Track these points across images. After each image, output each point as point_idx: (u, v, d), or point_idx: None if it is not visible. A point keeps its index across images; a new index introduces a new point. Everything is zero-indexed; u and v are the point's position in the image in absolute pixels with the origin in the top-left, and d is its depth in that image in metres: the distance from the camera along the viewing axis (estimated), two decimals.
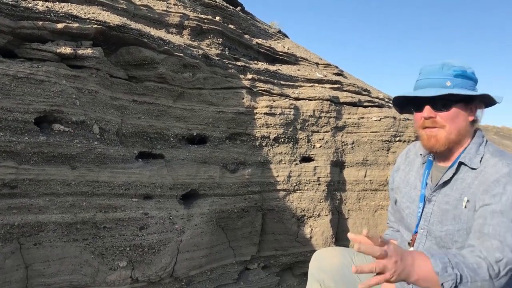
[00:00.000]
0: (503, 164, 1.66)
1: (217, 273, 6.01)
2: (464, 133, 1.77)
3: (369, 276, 2.24)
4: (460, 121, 1.75)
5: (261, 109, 6.60)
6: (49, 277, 4.27)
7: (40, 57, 4.40)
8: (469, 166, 1.74)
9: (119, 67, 5.27)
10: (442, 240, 1.75)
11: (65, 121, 4.43)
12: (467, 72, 1.74)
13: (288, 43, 9.90)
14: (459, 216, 1.70)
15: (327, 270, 2.27)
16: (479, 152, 1.75)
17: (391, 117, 7.79)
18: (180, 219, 5.35)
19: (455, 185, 1.76)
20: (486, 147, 1.78)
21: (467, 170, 1.75)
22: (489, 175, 1.66)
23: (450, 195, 1.76)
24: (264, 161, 6.62)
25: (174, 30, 6.57)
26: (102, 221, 4.65)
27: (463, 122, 1.76)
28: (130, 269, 4.84)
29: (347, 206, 7.50)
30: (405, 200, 1.99)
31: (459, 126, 1.75)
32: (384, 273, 1.39)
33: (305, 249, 6.89)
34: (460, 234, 1.69)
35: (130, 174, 4.95)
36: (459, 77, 1.73)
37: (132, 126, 5.28)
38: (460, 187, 1.74)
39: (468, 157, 1.75)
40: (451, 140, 1.76)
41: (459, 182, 1.76)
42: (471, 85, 1.75)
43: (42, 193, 4.27)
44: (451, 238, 1.72)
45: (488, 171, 1.67)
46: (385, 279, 1.40)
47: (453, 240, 1.71)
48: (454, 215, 1.71)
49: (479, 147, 1.77)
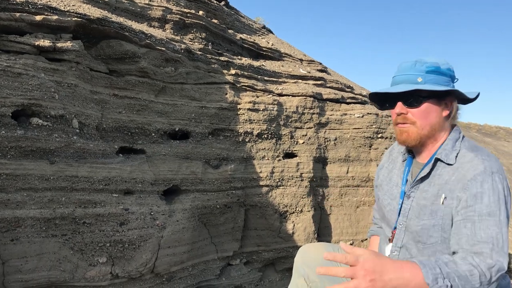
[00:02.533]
0: (478, 160, 1.67)
1: (199, 269, 5.99)
2: (437, 128, 1.79)
3: None
4: (432, 116, 1.76)
5: (244, 104, 6.58)
6: (26, 273, 4.20)
7: (17, 49, 4.31)
8: (445, 162, 1.75)
9: (100, 60, 5.20)
10: (418, 234, 1.76)
11: (43, 115, 4.36)
12: (441, 68, 1.75)
13: (273, 39, 9.88)
14: (436, 211, 1.71)
15: (312, 265, 2.28)
16: (455, 148, 1.77)
17: (373, 114, 7.84)
18: (161, 214, 5.31)
19: (433, 180, 1.78)
20: (463, 142, 1.79)
21: (444, 166, 1.76)
22: (465, 171, 1.66)
23: (428, 191, 1.77)
24: (247, 157, 6.61)
25: (157, 24, 6.50)
26: (81, 216, 4.59)
27: (436, 117, 1.77)
28: (110, 265, 4.79)
29: (330, 202, 7.54)
30: (386, 197, 2.01)
31: (431, 122, 1.77)
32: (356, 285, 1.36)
33: (288, 245, 6.91)
34: (435, 229, 1.71)
35: (110, 169, 4.89)
36: (431, 73, 1.73)
37: (113, 120, 5.22)
38: (438, 183, 1.75)
39: (444, 153, 1.77)
40: (423, 135, 1.77)
41: (436, 178, 1.77)
42: (446, 81, 1.75)
43: (20, 188, 4.19)
44: (427, 233, 1.73)
45: (464, 167, 1.68)
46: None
47: (428, 235, 1.73)
48: (432, 211, 1.72)
49: (455, 142, 1.79)
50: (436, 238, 1.70)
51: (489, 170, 1.63)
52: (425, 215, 1.74)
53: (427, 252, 1.74)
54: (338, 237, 7.52)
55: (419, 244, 1.77)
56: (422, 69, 1.74)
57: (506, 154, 32.29)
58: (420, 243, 1.76)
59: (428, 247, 1.74)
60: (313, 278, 2.27)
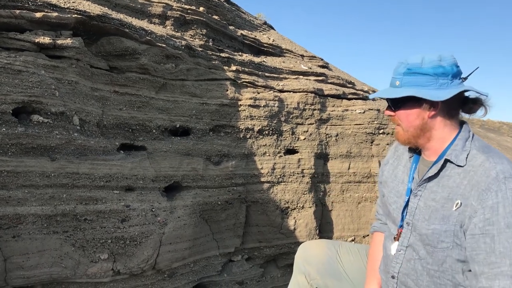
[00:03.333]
0: (490, 163, 1.63)
1: (200, 265, 6.00)
2: (425, 128, 1.76)
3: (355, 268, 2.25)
4: (412, 118, 1.76)
5: (245, 101, 6.58)
6: (28, 269, 4.22)
7: (18, 46, 4.31)
8: (455, 163, 1.71)
9: (100, 57, 5.20)
10: (428, 238, 1.72)
11: (44, 112, 4.36)
12: (422, 68, 1.71)
13: (274, 35, 9.86)
14: (448, 217, 1.67)
15: (312, 262, 2.28)
16: (466, 149, 1.72)
17: (375, 109, 7.82)
18: (162, 211, 5.32)
19: (442, 181, 1.74)
20: (473, 142, 1.75)
21: (454, 167, 1.72)
22: (478, 177, 1.63)
23: (437, 192, 1.74)
24: (248, 153, 6.61)
25: (157, 21, 6.49)
26: (82, 213, 4.60)
27: (416, 119, 1.75)
28: (111, 261, 4.81)
29: (331, 198, 7.53)
30: (392, 195, 1.98)
31: (413, 124, 1.76)
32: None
33: (289, 241, 6.92)
34: (447, 234, 1.67)
35: (111, 166, 4.89)
36: (410, 75, 1.72)
37: (114, 117, 5.22)
38: (447, 185, 1.72)
39: (454, 154, 1.73)
40: (409, 136, 1.78)
41: (445, 179, 1.73)
42: (427, 80, 1.71)
43: (21, 185, 4.20)
44: (437, 238, 1.70)
45: (476, 171, 1.65)
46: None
47: (439, 240, 1.69)
48: (443, 216, 1.69)
49: (465, 142, 1.74)
50: (448, 244, 1.67)
51: (502, 176, 1.59)
52: (436, 219, 1.70)
53: (437, 255, 1.71)
54: (339, 233, 7.53)
55: (428, 247, 1.73)
56: (401, 72, 1.75)
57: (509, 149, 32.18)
58: (430, 246, 1.72)
59: (439, 251, 1.70)
60: (314, 275, 2.27)
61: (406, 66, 1.74)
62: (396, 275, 1.86)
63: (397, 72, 1.75)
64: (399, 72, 1.75)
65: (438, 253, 1.71)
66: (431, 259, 1.73)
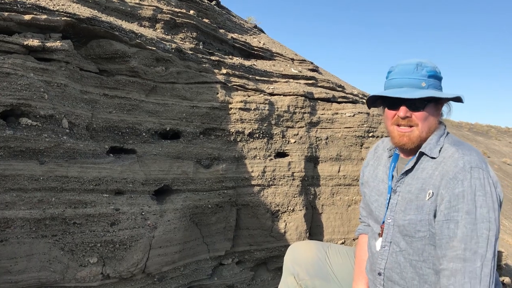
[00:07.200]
0: (459, 154, 1.73)
1: (190, 269, 5.98)
2: (433, 130, 1.87)
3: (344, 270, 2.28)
4: (431, 120, 1.85)
5: (235, 104, 6.58)
6: (16, 274, 4.17)
7: (6, 49, 4.26)
8: (429, 155, 1.81)
9: (90, 60, 5.17)
10: (406, 228, 1.81)
11: (33, 115, 4.33)
12: (437, 73, 1.83)
13: (264, 38, 9.90)
14: (422, 207, 1.77)
15: (301, 263, 2.31)
16: (439, 143, 1.83)
17: (364, 112, 7.87)
18: (152, 214, 5.30)
19: (416, 174, 1.85)
20: (447, 138, 1.86)
21: (428, 159, 1.83)
22: (447, 167, 1.72)
23: (412, 184, 1.84)
24: (238, 156, 6.61)
25: (147, 24, 6.49)
26: (71, 217, 4.57)
27: (433, 120, 1.87)
28: (101, 265, 4.78)
29: (321, 201, 7.56)
30: (373, 194, 2.05)
31: (430, 125, 1.85)
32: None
33: (280, 244, 6.92)
34: (422, 224, 1.76)
35: (101, 169, 4.87)
36: (431, 77, 1.82)
37: (103, 120, 5.20)
38: (421, 177, 1.82)
39: (429, 147, 1.84)
40: (422, 138, 1.85)
41: (419, 172, 1.84)
42: (439, 84, 1.85)
43: (9, 189, 4.16)
44: (414, 228, 1.78)
45: (446, 162, 1.74)
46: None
47: (416, 230, 1.78)
48: (417, 206, 1.78)
49: (439, 138, 1.86)
50: (424, 233, 1.76)
51: (468, 166, 1.68)
52: (411, 209, 1.80)
53: (416, 245, 1.80)
54: (330, 236, 7.55)
55: (407, 238, 1.83)
56: (423, 74, 1.82)
57: (497, 152, 32.57)
58: (408, 236, 1.82)
59: (417, 241, 1.79)
60: (303, 276, 2.29)
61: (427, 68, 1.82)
62: (382, 272, 1.92)
63: (419, 74, 1.81)
64: (421, 74, 1.81)
65: (416, 242, 1.79)
66: (411, 249, 1.81)
